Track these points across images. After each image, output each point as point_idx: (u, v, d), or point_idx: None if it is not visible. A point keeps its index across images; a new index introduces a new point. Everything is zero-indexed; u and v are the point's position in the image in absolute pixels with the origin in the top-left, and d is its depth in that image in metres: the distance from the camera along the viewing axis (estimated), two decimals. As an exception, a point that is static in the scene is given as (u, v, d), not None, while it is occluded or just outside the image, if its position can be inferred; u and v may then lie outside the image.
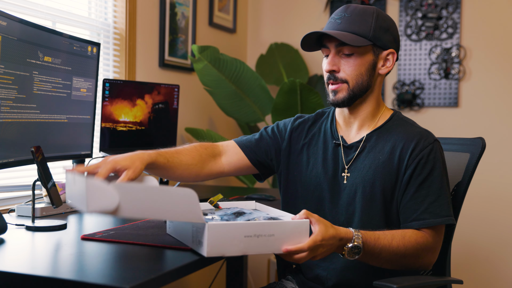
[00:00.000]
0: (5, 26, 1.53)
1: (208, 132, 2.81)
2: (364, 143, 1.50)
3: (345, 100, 1.47)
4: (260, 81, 2.86)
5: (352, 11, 1.47)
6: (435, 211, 1.40)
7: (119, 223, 1.63)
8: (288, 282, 1.69)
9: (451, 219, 1.42)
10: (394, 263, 1.38)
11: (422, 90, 3.08)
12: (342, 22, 1.46)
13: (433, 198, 1.41)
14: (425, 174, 1.42)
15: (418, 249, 1.38)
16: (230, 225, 1.20)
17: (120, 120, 2.19)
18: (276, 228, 1.24)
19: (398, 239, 1.36)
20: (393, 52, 1.49)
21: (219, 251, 1.19)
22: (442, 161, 1.45)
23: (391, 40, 1.49)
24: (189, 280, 2.90)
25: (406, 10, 3.10)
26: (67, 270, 1.17)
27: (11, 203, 1.95)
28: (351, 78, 1.46)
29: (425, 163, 1.42)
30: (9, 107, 1.59)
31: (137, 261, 1.23)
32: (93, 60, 1.96)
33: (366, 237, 1.32)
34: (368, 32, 1.45)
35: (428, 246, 1.40)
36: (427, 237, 1.40)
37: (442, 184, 1.43)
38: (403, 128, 1.49)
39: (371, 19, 1.45)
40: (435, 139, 1.47)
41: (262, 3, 3.50)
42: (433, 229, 1.41)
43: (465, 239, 2.98)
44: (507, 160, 2.93)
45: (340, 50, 1.46)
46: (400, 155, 1.45)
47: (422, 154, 1.43)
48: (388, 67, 1.50)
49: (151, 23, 2.64)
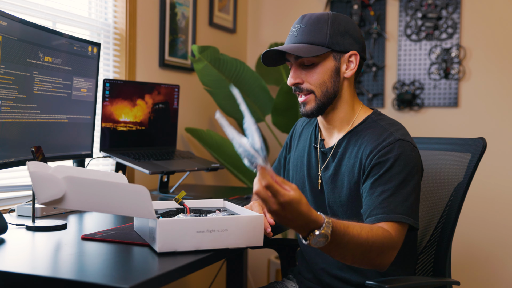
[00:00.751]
0: (5, 26, 1.53)
1: (208, 132, 2.82)
2: (336, 149, 1.51)
3: (314, 111, 1.49)
4: (260, 81, 2.86)
5: (306, 21, 1.48)
6: (389, 206, 1.34)
7: (119, 223, 1.63)
8: (289, 282, 1.70)
9: (407, 218, 1.34)
10: (357, 256, 1.29)
11: (422, 90, 3.08)
12: (298, 34, 1.47)
13: (388, 194, 1.36)
14: (382, 171, 1.38)
15: (384, 244, 1.30)
16: (182, 221, 1.24)
17: (120, 120, 2.19)
18: (229, 223, 1.29)
19: (366, 230, 1.28)
20: (355, 53, 1.48)
21: (171, 247, 1.23)
22: (407, 161, 1.39)
23: (351, 42, 1.48)
24: (189, 280, 2.90)
25: (406, 10, 3.10)
26: (67, 270, 1.17)
27: (11, 203, 1.95)
28: (316, 88, 1.47)
29: (383, 161, 1.38)
30: (10, 107, 1.59)
31: (137, 261, 1.24)
32: (93, 60, 1.96)
33: (336, 225, 1.22)
34: (324, 39, 1.45)
35: (392, 243, 1.32)
36: (390, 233, 1.33)
37: (403, 184, 1.37)
38: (371, 130, 1.47)
39: (326, 25, 1.45)
40: (399, 138, 1.41)
41: (262, 3, 3.50)
42: (393, 226, 1.34)
43: (465, 240, 2.98)
44: (507, 160, 2.93)
45: (301, 62, 1.48)
46: (361, 158, 1.43)
47: (380, 153, 1.39)
48: (352, 69, 1.48)
49: (151, 23, 2.64)
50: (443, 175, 1.70)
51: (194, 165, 2.27)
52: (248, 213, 1.41)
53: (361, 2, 3.16)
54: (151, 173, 2.03)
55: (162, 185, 2.30)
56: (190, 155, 2.45)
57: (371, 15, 3.16)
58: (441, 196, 1.69)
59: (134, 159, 2.12)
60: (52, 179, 1.19)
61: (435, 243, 1.68)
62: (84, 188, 1.20)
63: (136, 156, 2.15)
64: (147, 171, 2.02)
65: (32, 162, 1.30)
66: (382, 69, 3.16)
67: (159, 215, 1.41)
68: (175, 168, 2.17)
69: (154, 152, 2.28)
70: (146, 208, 1.20)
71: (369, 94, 3.17)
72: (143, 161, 2.13)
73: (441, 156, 1.73)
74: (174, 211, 1.48)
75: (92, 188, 1.20)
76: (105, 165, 2.42)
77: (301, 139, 1.66)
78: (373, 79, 3.17)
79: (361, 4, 3.16)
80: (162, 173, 2.09)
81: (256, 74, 2.89)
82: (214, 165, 2.33)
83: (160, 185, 2.29)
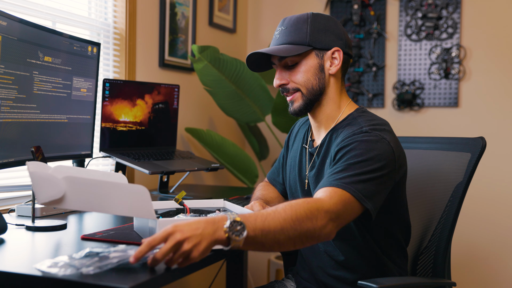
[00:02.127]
0: (5, 26, 1.53)
1: (208, 132, 2.82)
2: (320, 149, 1.52)
3: (302, 108, 1.50)
4: (260, 81, 2.85)
5: (287, 23, 1.50)
6: (334, 178, 1.30)
7: (119, 223, 1.63)
8: (288, 281, 1.71)
9: (348, 187, 1.27)
10: (290, 232, 1.18)
11: (422, 90, 3.08)
12: (280, 36, 1.50)
13: (336, 170, 1.32)
14: (340, 155, 1.36)
15: (309, 208, 1.21)
16: (181, 221, 1.23)
17: (120, 120, 2.19)
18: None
19: (284, 205, 1.22)
20: (338, 49, 1.49)
21: None
22: (369, 148, 1.34)
23: (333, 38, 1.49)
24: (189, 280, 2.90)
25: (406, 10, 3.10)
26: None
27: (11, 203, 1.95)
28: (301, 86, 1.49)
29: (343, 146, 1.37)
30: (9, 107, 1.59)
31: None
32: (93, 60, 1.96)
33: (244, 214, 1.17)
34: (304, 38, 1.47)
35: (321, 206, 1.23)
36: (319, 198, 1.26)
37: (358, 165, 1.31)
38: (348, 126, 1.46)
39: (305, 25, 1.48)
40: (366, 131, 1.38)
41: (262, 3, 3.50)
42: (329, 191, 1.27)
43: (465, 239, 2.98)
44: (507, 160, 2.93)
45: (285, 63, 1.50)
46: (331, 152, 1.43)
47: (344, 142, 1.38)
48: (336, 65, 1.49)
49: (151, 23, 2.64)
50: (443, 174, 1.70)
51: (194, 165, 2.27)
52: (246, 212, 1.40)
53: (361, 2, 3.16)
54: (151, 173, 2.03)
55: (162, 185, 2.29)
56: (190, 155, 2.45)
57: (371, 15, 3.16)
58: (441, 196, 1.69)
59: (134, 159, 2.11)
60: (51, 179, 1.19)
61: (434, 243, 1.68)
62: (84, 188, 1.20)
63: (136, 156, 2.15)
64: (147, 171, 2.02)
65: (32, 162, 1.30)
66: (382, 69, 3.16)
67: (159, 215, 1.41)
68: (175, 168, 2.17)
69: (154, 152, 2.28)
70: (146, 208, 1.20)
71: (369, 94, 3.17)
72: (143, 161, 2.13)
73: (440, 155, 1.73)
74: (174, 211, 1.48)
75: (92, 188, 1.20)
76: (105, 165, 2.42)
77: (296, 139, 1.68)
78: (373, 79, 3.17)
79: (361, 4, 3.16)
80: (162, 173, 2.09)
81: (256, 74, 2.88)
82: (214, 165, 2.32)
83: (160, 185, 2.29)
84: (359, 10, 3.15)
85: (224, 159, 2.85)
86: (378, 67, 3.15)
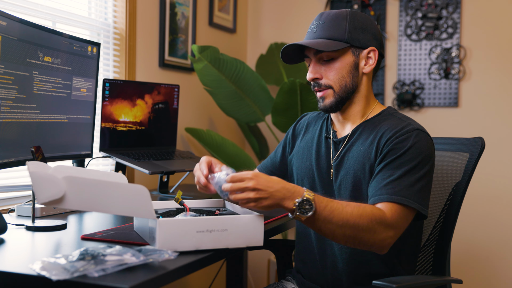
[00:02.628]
0: (5, 26, 1.53)
1: (208, 132, 2.82)
2: (350, 137, 1.52)
3: (333, 105, 1.50)
4: (260, 81, 2.85)
5: (325, 17, 1.50)
6: (394, 189, 1.35)
7: (119, 223, 1.63)
8: (288, 283, 1.70)
9: (409, 201, 1.34)
10: (348, 232, 1.30)
11: (422, 90, 3.08)
12: (317, 30, 1.49)
13: (394, 177, 1.36)
14: (395, 157, 1.39)
15: (372, 220, 1.30)
16: (182, 221, 1.25)
17: (120, 120, 2.19)
18: (229, 223, 1.29)
19: (353, 206, 1.31)
20: (373, 49, 1.50)
21: (171, 246, 1.23)
22: (421, 149, 1.39)
23: (370, 38, 1.49)
24: (189, 280, 2.90)
25: (406, 10, 3.10)
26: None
27: (11, 203, 1.95)
28: (334, 83, 1.49)
29: (398, 148, 1.39)
30: (9, 107, 1.59)
31: (137, 261, 1.23)
32: (93, 60, 1.96)
33: (318, 196, 1.29)
34: (343, 35, 1.47)
35: (384, 221, 1.31)
36: (384, 212, 1.32)
37: (412, 170, 1.37)
38: (388, 121, 1.48)
39: (344, 22, 1.47)
40: (417, 128, 1.43)
41: (262, 3, 3.50)
42: (392, 207, 1.33)
43: (464, 239, 2.98)
44: (506, 160, 2.93)
45: (320, 57, 1.49)
46: (378, 143, 1.44)
47: (398, 140, 1.41)
48: (371, 65, 1.51)
49: (151, 23, 2.64)
50: (442, 174, 1.70)
51: (194, 165, 2.27)
52: (248, 213, 1.41)
53: (361, 2, 3.16)
54: (151, 173, 2.03)
55: (162, 185, 2.30)
56: (190, 155, 2.45)
57: (371, 15, 3.16)
58: (439, 195, 1.69)
59: (134, 159, 2.11)
60: (51, 179, 1.19)
61: (434, 242, 1.68)
62: (84, 188, 1.20)
63: (136, 156, 2.15)
64: (147, 171, 2.02)
65: (32, 162, 1.30)
66: (382, 69, 3.16)
67: (159, 215, 1.41)
68: (175, 168, 2.17)
69: (154, 152, 2.28)
70: (146, 208, 1.20)
71: (369, 94, 3.17)
72: (143, 161, 2.13)
73: (440, 155, 1.73)
74: (174, 211, 1.48)
75: (92, 188, 1.20)
76: (105, 165, 2.42)
77: (308, 130, 1.65)
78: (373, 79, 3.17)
79: (361, 4, 3.16)
80: (162, 173, 2.09)
81: (256, 74, 2.88)
82: (214, 165, 2.32)
83: (160, 185, 2.29)
84: (359, 10, 3.15)
85: (224, 159, 2.85)
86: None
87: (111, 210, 1.25)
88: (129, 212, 1.23)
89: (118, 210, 1.24)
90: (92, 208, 1.24)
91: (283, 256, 1.89)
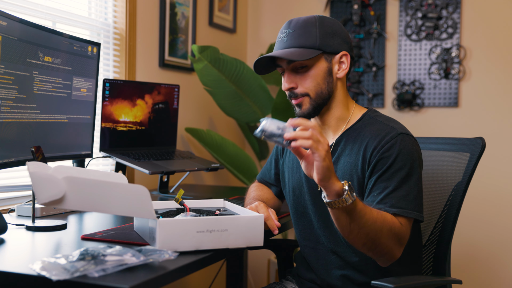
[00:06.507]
0: (5, 26, 1.53)
1: (208, 132, 2.82)
2: (335, 147, 1.51)
3: (310, 112, 1.50)
4: (260, 81, 2.86)
5: (294, 25, 1.48)
6: (391, 202, 1.36)
7: (119, 223, 1.63)
8: (288, 283, 1.70)
9: (410, 212, 1.36)
10: (371, 234, 1.32)
11: (422, 90, 3.08)
12: (288, 38, 1.47)
13: (390, 189, 1.37)
14: (385, 168, 1.39)
15: (393, 229, 1.33)
16: (182, 221, 1.25)
17: (120, 120, 2.19)
18: (229, 223, 1.29)
19: (376, 211, 1.33)
20: (345, 54, 1.49)
21: (171, 247, 1.23)
22: (408, 155, 1.40)
23: (340, 42, 1.48)
24: (189, 280, 2.90)
25: (406, 10, 3.10)
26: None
27: (11, 203, 1.95)
28: (310, 90, 1.47)
29: (386, 157, 1.39)
30: (9, 107, 1.59)
31: (137, 261, 1.23)
32: (93, 60, 1.96)
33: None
34: (314, 42, 1.45)
35: (401, 234, 1.35)
36: (400, 226, 1.35)
37: (405, 178, 1.38)
38: (371, 127, 1.47)
39: (314, 28, 1.46)
40: (400, 132, 1.42)
41: (262, 3, 3.50)
42: (402, 221, 1.36)
43: (464, 240, 2.98)
44: (507, 160, 2.93)
45: (294, 66, 1.48)
46: (364, 154, 1.43)
47: (384, 148, 1.40)
48: (344, 69, 1.49)
49: (151, 23, 2.64)
50: (442, 174, 1.70)
51: (194, 165, 2.27)
52: (248, 213, 1.41)
53: (361, 2, 3.16)
54: (151, 173, 2.03)
55: (162, 185, 2.30)
56: (190, 155, 2.45)
57: (371, 15, 3.16)
58: (440, 195, 1.69)
59: (134, 159, 2.11)
60: (52, 179, 1.20)
61: (434, 242, 1.68)
62: (84, 188, 1.20)
63: (136, 156, 2.15)
64: (147, 171, 2.02)
65: (32, 162, 1.30)
66: (382, 69, 3.16)
67: (159, 215, 1.41)
68: (175, 168, 2.17)
69: (154, 152, 2.28)
70: (146, 208, 1.20)
71: (369, 94, 3.17)
72: (143, 161, 2.13)
73: (440, 155, 1.73)
74: (174, 211, 1.48)
75: (92, 188, 1.20)
76: (105, 165, 2.42)
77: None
78: (373, 79, 3.17)
79: (361, 4, 3.16)
80: (162, 173, 2.09)
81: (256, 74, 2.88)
82: (214, 165, 2.33)
83: (160, 185, 2.29)
84: (359, 10, 3.15)
85: (224, 159, 2.85)
86: (378, 67, 3.15)
87: (111, 210, 1.25)
88: (129, 212, 1.23)
89: (118, 210, 1.24)
90: (92, 208, 1.24)
91: (284, 256, 1.89)
